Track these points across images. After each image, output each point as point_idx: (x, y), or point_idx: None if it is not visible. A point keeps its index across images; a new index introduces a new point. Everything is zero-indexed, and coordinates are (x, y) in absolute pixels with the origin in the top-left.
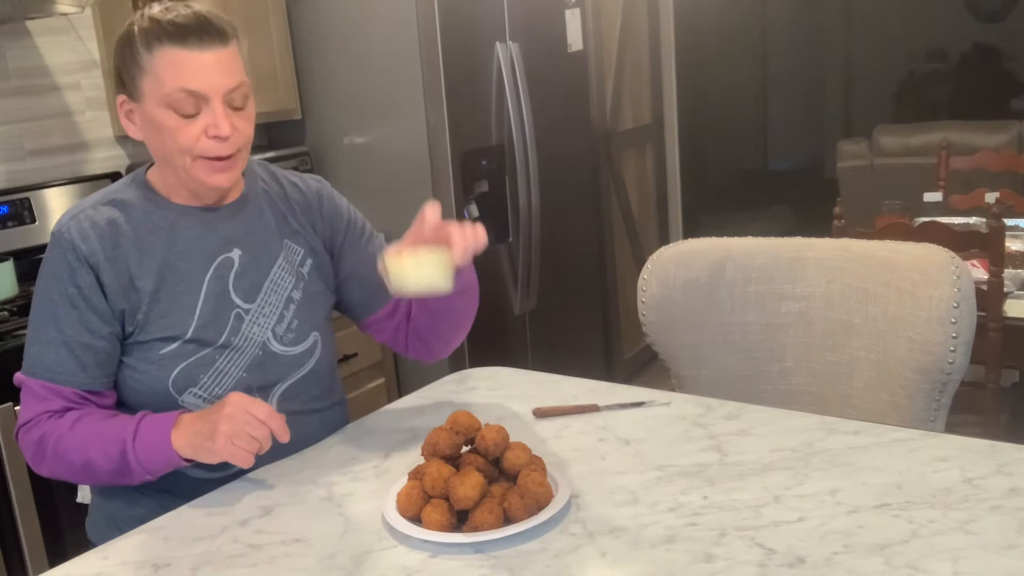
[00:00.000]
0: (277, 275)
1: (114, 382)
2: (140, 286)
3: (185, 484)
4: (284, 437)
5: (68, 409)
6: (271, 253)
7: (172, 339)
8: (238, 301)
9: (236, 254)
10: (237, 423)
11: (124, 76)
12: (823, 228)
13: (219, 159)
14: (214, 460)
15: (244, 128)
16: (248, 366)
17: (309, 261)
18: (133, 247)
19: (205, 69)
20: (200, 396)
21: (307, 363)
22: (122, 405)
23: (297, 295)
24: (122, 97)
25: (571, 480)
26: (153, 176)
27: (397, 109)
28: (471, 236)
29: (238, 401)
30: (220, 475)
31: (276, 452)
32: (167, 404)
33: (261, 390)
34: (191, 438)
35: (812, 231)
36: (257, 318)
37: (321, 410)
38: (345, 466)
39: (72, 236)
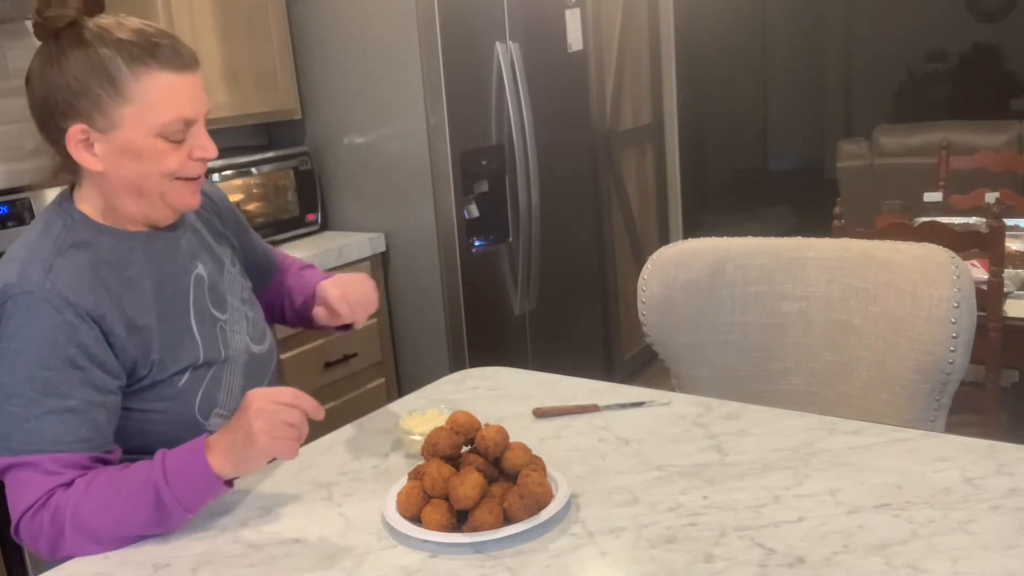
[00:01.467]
0: (229, 280)
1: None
2: (143, 325)
3: None
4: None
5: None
6: (219, 260)
7: (186, 368)
8: (216, 314)
9: (201, 268)
10: (268, 415)
11: (83, 105)
12: (823, 228)
13: (195, 178)
14: (260, 463)
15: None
16: (244, 373)
17: (237, 261)
18: (122, 288)
19: (195, 93)
20: (223, 415)
21: (273, 358)
22: (141, 452)
23: (246, 295)
24: (79, 127)
25: (571, 480)
26: (89, 209)
27: (397, 109)
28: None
29: (259, 395)
30: None
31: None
32: (196, 434)
33: None
34: (228, 453)
35: (812, 231)
36: (233, 325)
37: None
38: (345, 466)
39: (62, 291)
